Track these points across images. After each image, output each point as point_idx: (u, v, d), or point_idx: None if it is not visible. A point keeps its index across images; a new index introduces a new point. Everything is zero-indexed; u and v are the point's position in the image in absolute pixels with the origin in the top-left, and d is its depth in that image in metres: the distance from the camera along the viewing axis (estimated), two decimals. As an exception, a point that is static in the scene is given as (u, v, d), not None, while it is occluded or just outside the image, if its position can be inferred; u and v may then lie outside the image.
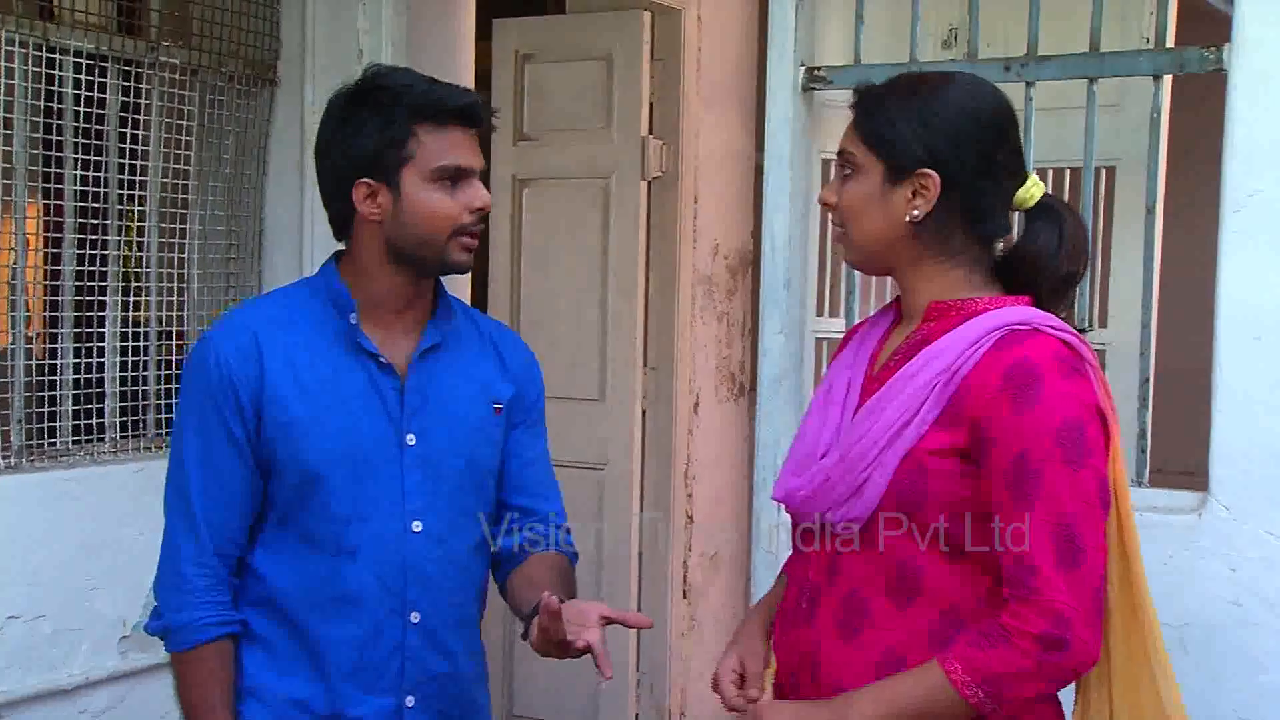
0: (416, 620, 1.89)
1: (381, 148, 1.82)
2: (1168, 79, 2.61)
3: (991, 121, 1.68)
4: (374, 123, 1.83)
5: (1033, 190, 1.71)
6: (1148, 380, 2.59)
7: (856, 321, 2.86)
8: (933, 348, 1.64)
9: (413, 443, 1.89)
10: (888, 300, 3.22)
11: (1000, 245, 1.72)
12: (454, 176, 1.84)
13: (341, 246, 1.95)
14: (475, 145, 1.88)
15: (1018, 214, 1.75)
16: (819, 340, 3.31)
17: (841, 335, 3.13)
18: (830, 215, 1.75)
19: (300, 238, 3.31)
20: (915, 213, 1.66)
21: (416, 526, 1.88)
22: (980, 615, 1.58)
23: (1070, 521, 1.52)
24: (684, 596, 4.28)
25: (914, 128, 1.65)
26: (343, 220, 1.90)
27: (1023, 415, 1.55)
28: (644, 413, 4.19)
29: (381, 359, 1.88)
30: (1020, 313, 1.63)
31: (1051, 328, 1.61)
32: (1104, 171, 2.76)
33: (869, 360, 1.76)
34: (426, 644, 1.90)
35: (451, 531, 1.92)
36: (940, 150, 1.64)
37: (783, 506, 1.78)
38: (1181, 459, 2.79)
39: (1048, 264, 1.69)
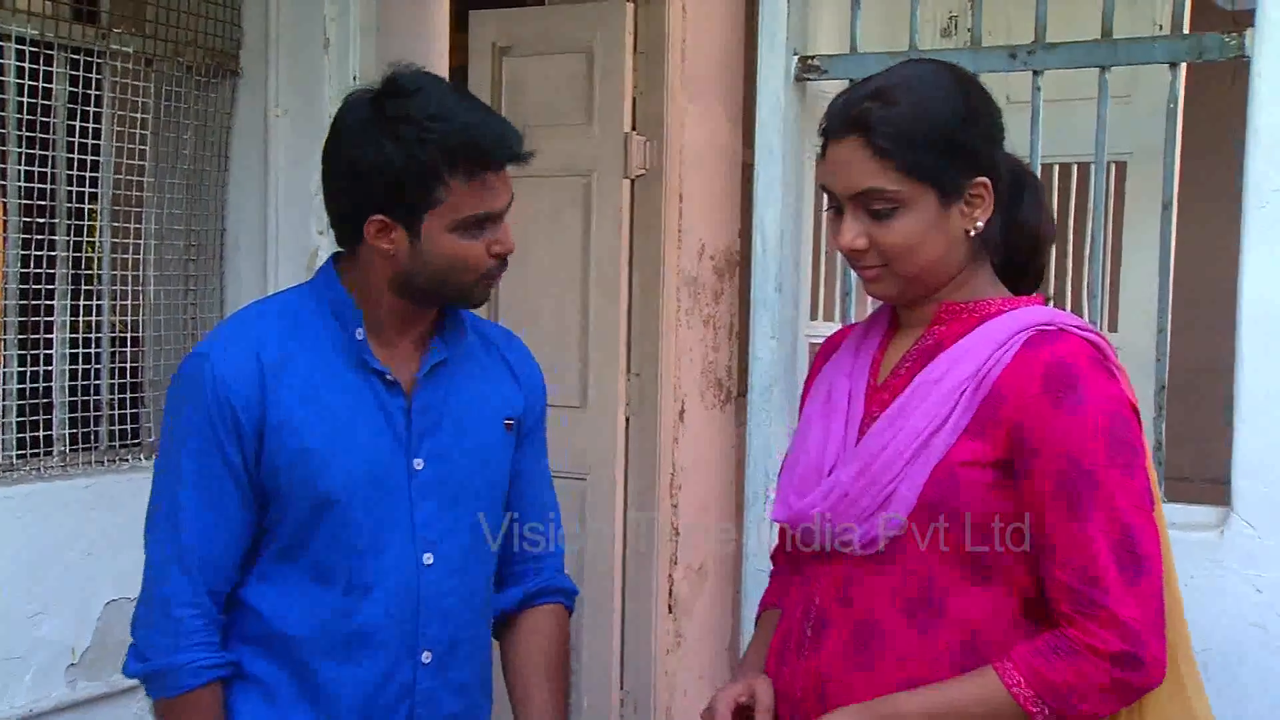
0: (427, 660, 1.75)
1: (402, 189, 1.63)
2: (1183, 67, 2.46)
3: (986, 100, 1.58)
4: (398, 158, 1.62)
5: None
6: (1164, 388, 2.44)
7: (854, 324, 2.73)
8: (954, 351, 1.53)
9: (420, 467, 1.74)
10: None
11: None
12: (481, 223, 1.67)
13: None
14: (507, 180, 1.70)
15: None
16: (813, 345, 3.15)
17: (837, 340, 3.00)
18: (859, 259, 1.57)
19: (264, 238, 3.16)
20: (979, 224, 1.55)
21: (427, 559, 1.73)
22: (1005, 640, 1.48)
23: (1130, 530, 1.44)
24: (669, 611, 4.13)
25: (952, 140, 1.52)
26: (349, 240, 1.73)
27: (1070, 418, 1.45)
28: (627, 420, 4.03)
29: (388, 376, 1.73)
30: (1043, 312, 1.55)
31: (1076, 327, 1.53)
32: (1113, 166, 2.62)
33: (870, 368, 1.63)
34: (439, 684, 1.76)
35: (468, 562, 1.79)
36: (981, 152, 1.54)
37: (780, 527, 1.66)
38: (1177, 465, 2.66)
39: (1040, 231, 1.64)
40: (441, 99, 1.66)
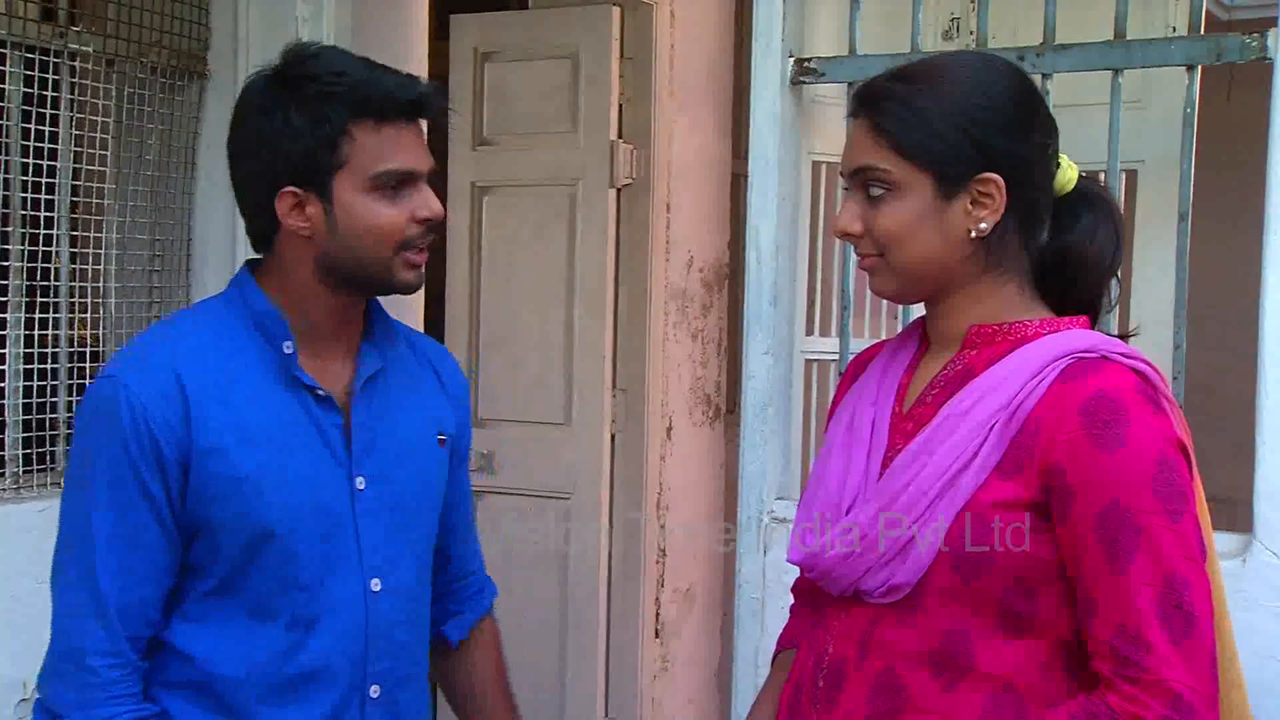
0: (376, 695, 1.62)
1: (310, 151, 1.53)
2: (1199, 71, 2.34)
3: (1033, 102, 1.45)
4: (301, 120, 1.52)
5: (1069, 174, 1.49)
6: (1180, 407, 2.31)
7: (851, 340, 2.61)
8: (985, 380, 1.40)
9: (362, 487, 1.61)
10: (883, 316, 2.93)
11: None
12: (397, 183, 1.55)
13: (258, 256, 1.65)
14: (422, 142, 1.59)
15: None
16: (809, 362, 3.02)
17: (834, 357, 2.87)
18: (855, 245, 1.47)
19: (233, 247, 3.01)
20: (982, 225, 1.41)
21: (375, 585, 1.61)
22: (1037, 689, 1.36)
23: (1178, 582, 1.29)
24: (656, 635, 4.00)
25: (961, 127, 1.39)
26: (264, 232, 1.61)
27: (1111, 457, 1.31)
28: (613, 438, 3.91)
29: (320, 391, 1.59)
30: (1084, 338, 1.40)
31: (1122, 354, 1.39)
32: (1123, 175, 2.50)
33: (895, 395, 1.50)
34: (387, 718, 1.64)
35: (415, 587, 1.68)
36: (997, 148, 1.40)
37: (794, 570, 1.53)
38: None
39: (1101, 261, 1.48)
40: (344, 57, 1.58)
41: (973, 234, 1.41)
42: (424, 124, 1.62)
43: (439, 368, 1.78)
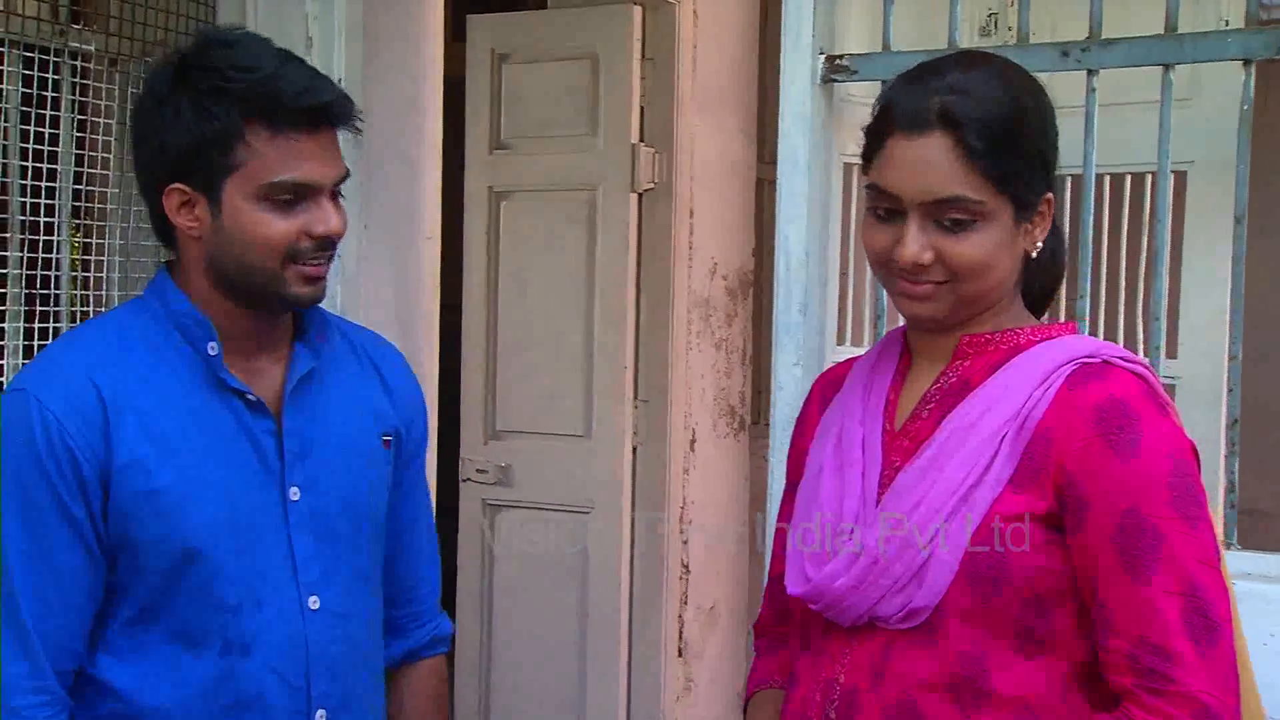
0: None
1: (196, 148, 1.44)
2: (1254, 65, 2.21)
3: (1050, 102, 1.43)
4: (193, 114, 1.44)
5: None
6: (1236, 422, 2.19)
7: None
8: (988, 390, 1.36)
9: (296, 498, 1.52)
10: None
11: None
12: (292, 195, 1.46)
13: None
14: (328, 151, 1.48)
15: None
16: (839, 373, 2.90)
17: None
18: (920, 274, 1.37)
19: (241, 254, 2.92)
20: (1039, 245, 1.40)
21: (313, 603, 1.53)
22: (1058, 712, 1.33)
23: (1199, 590, 1.28)
24: (679, 654, 3.89)
25: (1039, 148, 1.37)
26: (162, 228, 1.54)
27: (1127, 464, 1.28)
28: (634, 450, 3.82)
29: (250, 396, 1.51)
30: (1084, 343, 1.39)
31: (1121, 359, 1.36)
32: (1171, 176, 2.39)
33: (884, 412, 1.44)
34: None
35: (355, 603, 1.59)
36: (1052, 167, 1.39)
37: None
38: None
39: (1059, 273, 1.52)
40: (256, 52, 1.47)
41: (1034, 254, 1.40)
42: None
43: (380, 364, 1.68)
